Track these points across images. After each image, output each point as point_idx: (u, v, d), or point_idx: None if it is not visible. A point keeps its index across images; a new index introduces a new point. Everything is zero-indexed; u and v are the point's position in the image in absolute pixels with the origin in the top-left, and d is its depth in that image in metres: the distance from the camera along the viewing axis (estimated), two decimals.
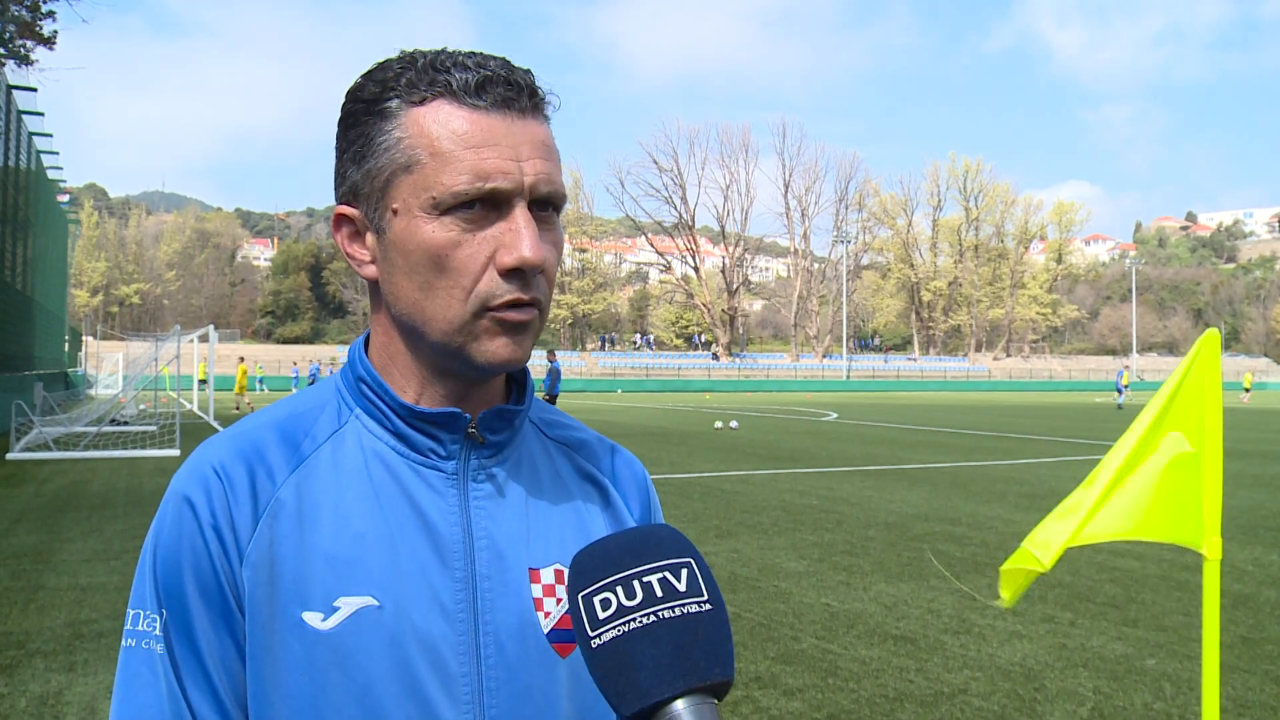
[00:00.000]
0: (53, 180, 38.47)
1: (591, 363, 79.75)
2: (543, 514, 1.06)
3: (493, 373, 1.00)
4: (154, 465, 16.53)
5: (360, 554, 0.97)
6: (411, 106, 0.96)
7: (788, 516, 11.16)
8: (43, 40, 23.64)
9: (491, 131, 0.95)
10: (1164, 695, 5.29)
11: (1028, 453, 20.05)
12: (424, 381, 1.03)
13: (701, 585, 0.84)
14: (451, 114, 0.95)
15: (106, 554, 8.77)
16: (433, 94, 0.96)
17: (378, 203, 0.98)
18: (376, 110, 0.98)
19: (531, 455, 1.10)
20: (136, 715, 0.95)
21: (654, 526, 0.90)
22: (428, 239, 0.95)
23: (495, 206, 0.95)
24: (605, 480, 1.14)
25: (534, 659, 1.00)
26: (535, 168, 0.96)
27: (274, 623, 0.94)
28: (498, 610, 0.99)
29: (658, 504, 1.20)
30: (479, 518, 1.02)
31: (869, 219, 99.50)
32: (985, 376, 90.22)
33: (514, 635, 0.99)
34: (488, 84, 0.96)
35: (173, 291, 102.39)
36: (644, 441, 22.09)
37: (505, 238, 0.95)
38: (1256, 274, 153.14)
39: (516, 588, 1.01)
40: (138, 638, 0.96)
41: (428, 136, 0.95)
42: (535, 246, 0.94)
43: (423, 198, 0.95)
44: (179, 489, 0.98)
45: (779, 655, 5.88)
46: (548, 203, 0.98)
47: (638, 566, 0.84)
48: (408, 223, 0.96)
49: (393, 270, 0.99)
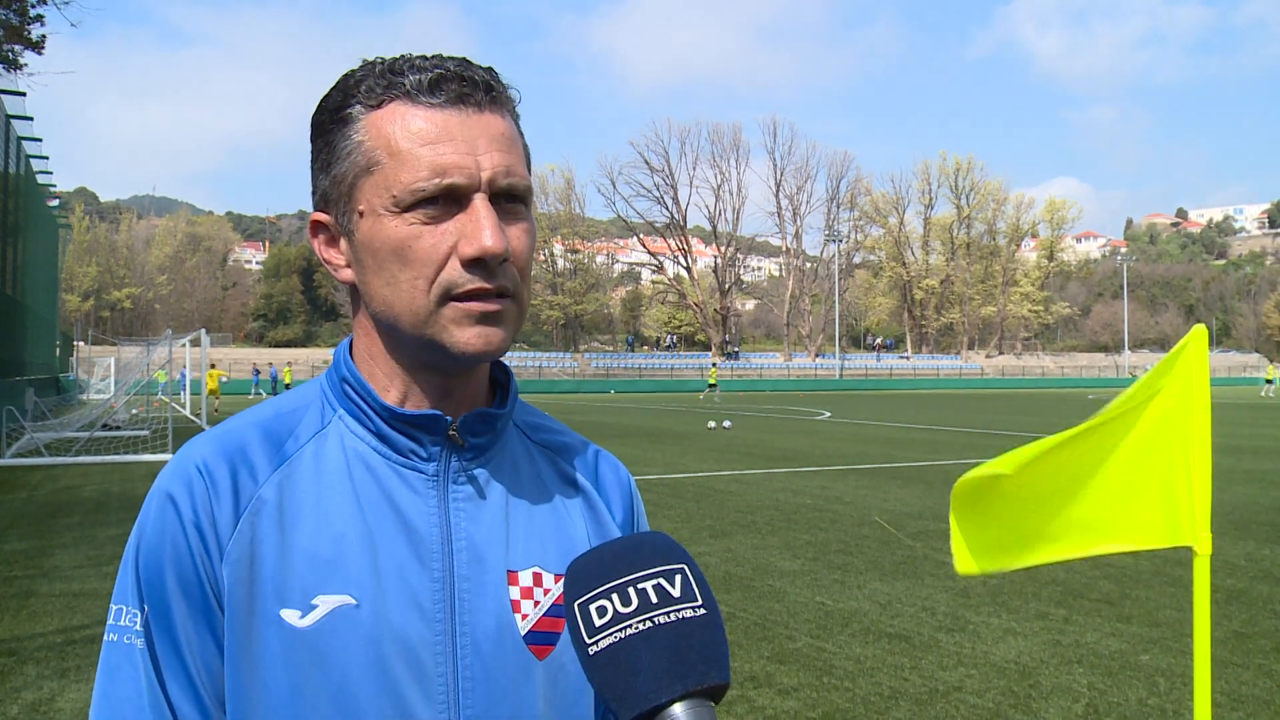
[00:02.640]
0: (43, 185, 38.32)
1: (584, 363, 79.73)
2: (523, 517, 1.07)
3: (471, 363, 1.00)
4: (146, 470, 16.49)
5: (340, 553, 0.97)
6: (370, 110, 0.98)
7: (782, 516, 11.17)
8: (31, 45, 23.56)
9: (447, 127, 0.96)
10: (1158, 690, 5.30)
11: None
12: (406, 380, 1.04)
13: (695, 590, 0.85)
14: (408, 114, 0.97)
15: (98, 560, 8.74)
16: (389, 97, 0.98)
17: (345, 206, 1.00)
18: (339, 118, 1.00)
19: (514, 458, 1.10)
20: (116, 709, 0.96)
21: (647, 534, 0.91)
22: (391, 235, 0.96)
23: (456, 201, 0.96)
24: (588, 484, 1.14)
25: (510, 660, 1.00)
26: (493, 160, 0.97)
27: (253, 620, 0.95)
28: (475, 611, 1.00)
29: (641, 508, 1.20)
30: (458, 519, 1.02)
31: (860, 218, 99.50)
32: (978, 374, 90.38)
33: (491, 636, 1.00)
34: (442, 81, 0.97)
35: (164, 295, 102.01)
36: (637, 441, 22.07)
37: (466, 229, 0.96)
38: (1247, 270, 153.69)
39: (494, 589, 1.02)
40: (119, 632, 0.97)
41: (385, 137, 0.97)
42: (496, 236, 0.95)
43: (384, 197, 0.97)
44: (162, 486, 0.99)
45: (774, 654, 5.88)
46: (512, 194, 0.99)
47: (632, 573, 0.85)
48: (373, 222, 0.98)
49: (364, 270, 1.00)
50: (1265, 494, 13.22)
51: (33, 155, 33.51)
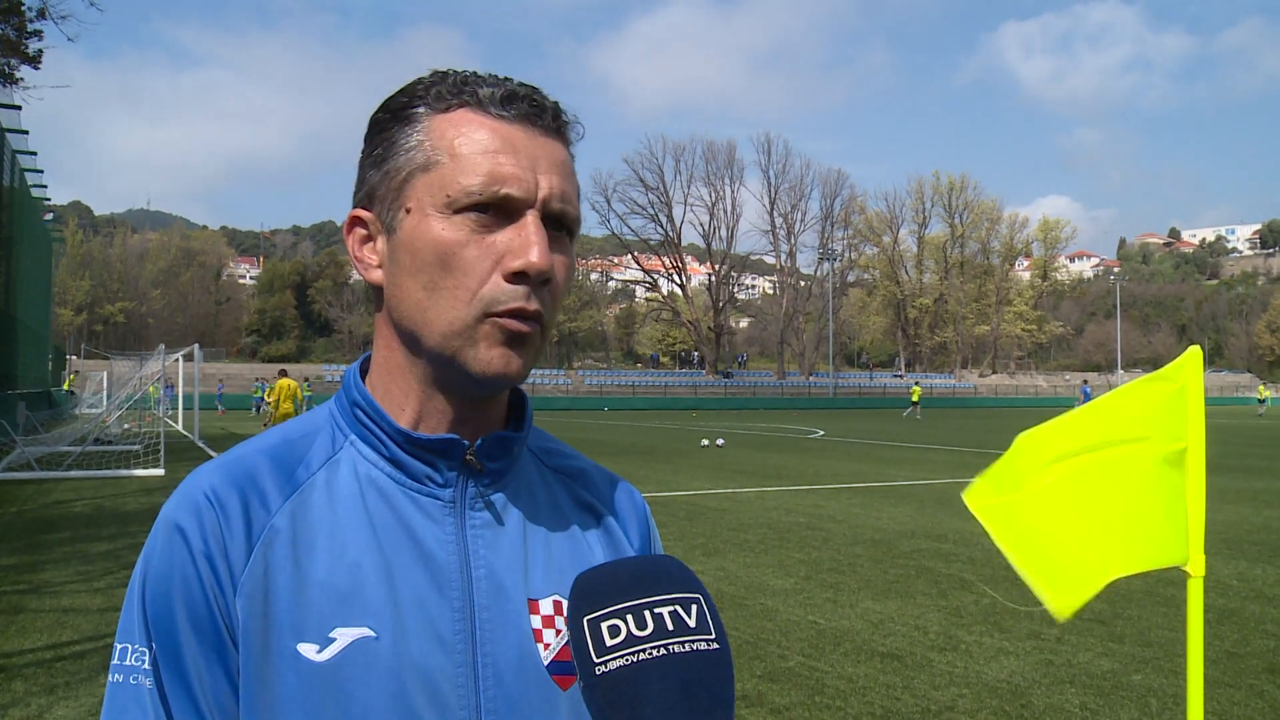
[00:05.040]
0: (37, 198, 38.28)
1: (578, 380, 79.67)
2: (541, 543, 1.04)
3: (489, 386, 0.98)
4: (138, 485, 16.41)
5: (357, 584, 0.94)
6: (436, 114, 0.98)
7: (774, 534, 11.15)
8: (28, 59, 23.58)
9: (511, 140, 0.96)
10: (1150, 711, 5.30)
11: None
12: (422, 399, 1.01)
13: (710, 623, 0.84)
14: (475, 121, 0.96)
15: (89, 575, 8.69)
16: (459, 103, 0.97)
17: (393, 202, 0.98)
18: (402, 116, 0.99)
19: (530, 484, 1.07)
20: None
21: (662, 557, 0.90)
22: (437, 236, 0.95)
23: (507, 214, 0.95)
24: (604, 510, 1.12)
25: (534, 691, 0.97)
26: (551, 182, 0.96)
27: (268, 654, 0.91)
28: (496, 641, 0.97)
29: (657, 535, 1.18)
30: (477, 546, 0.99)
31: (855, 236, 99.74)
32: (971, 393, 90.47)
33: (513, 667, 0.97)
34: (513, 98, 0.97)
35: (157, 310, 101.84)
36: (631, 460, 22.04)
37: (514, 243, 0.94)
38: (1239, 290, 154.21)
39: (515, 619, 0.99)
40: (125, 673, 0.92)
41: (448, 140, 0.96)
42: (544, 254, 0.93)
43: (438, 196, 0.95)
44: (170, 516, 0.95)
45: (765, 673, 5.87)
46: (560, 221, 0.98)
47: (649, 596, 0.84)
48: (419, 220, 0.96)
49: (399, 270, 0.98)
50: (1257, 513, 13.23)
51: (27, 169, 33.47)
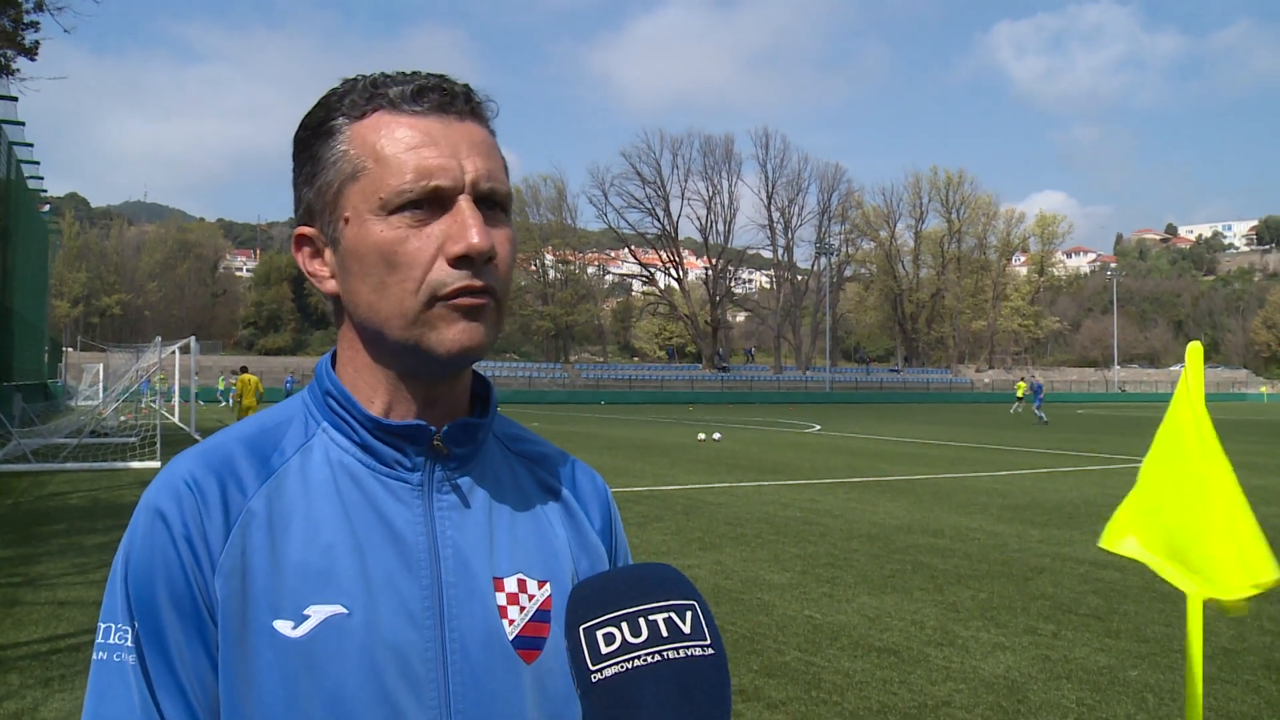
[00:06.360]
0: (33, 190, 38.22)
1: (574, 374, 79.66)
2: (506, 524, 1.08)
3: (456, 363, 1.01)
4: (134, 477, 16.41)
5: (330, 564, 0.98)
6: (354, 122, 1.01)
7: (771, 528, 11.16)
8: (24, 50, 23.50)
9: (430, 133, 0.99)
10: (1146, 706, 5.30)
11: (1010, 464, 20.13)
12: (390, 389, 1.05)
13: (705, 630, 0.85)
14: (392, 122, 1.00)
15: (85, 567, 8.69)
16: (373, 107, 1.01)
17: (330, 215, 1.02)
18: (323, 131, 1.03)
19: (495, 468, 1.12)
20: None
21: (657, 565, 0.93)
22: (378, 238, 0.98)
23: (440, 204, 0.99)
24: (567, 493, 1.16)
25: (499, 665, 1.01)
26: (475, 164, 1.00)
27: (246, 632, 0.95)
28: (463, 617, 1.01)
29: (619, 516, 1.22)
30: (444, 527, 1.04)
31: (852, 231, 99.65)
32: (968, 388, 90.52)
33: (479, 641, 1.01)
34: (423, 92, 1.01)
35: (154, 302, 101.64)
36: (628, 454, 22.05)
37: (452, 229, 0.98)
38: (1235, 286, 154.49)
39: (481, 595, 1.03)
40: (109, 650, 0.96)
41: (370, 145, 1.00)
42: (482, 234, 0.97)
43: (371, 201, 0.99)
44: (151, 501, 0.99)
45: (762, 668, 5.87)
46: (492, 199, 1.01)
47: (643, 604, 0.85)
48: (359, 228, 0.99)
49: (349, 277, 1.02)
50: (1254, 510, 13.23)
51: (24, 160, 33.42)
